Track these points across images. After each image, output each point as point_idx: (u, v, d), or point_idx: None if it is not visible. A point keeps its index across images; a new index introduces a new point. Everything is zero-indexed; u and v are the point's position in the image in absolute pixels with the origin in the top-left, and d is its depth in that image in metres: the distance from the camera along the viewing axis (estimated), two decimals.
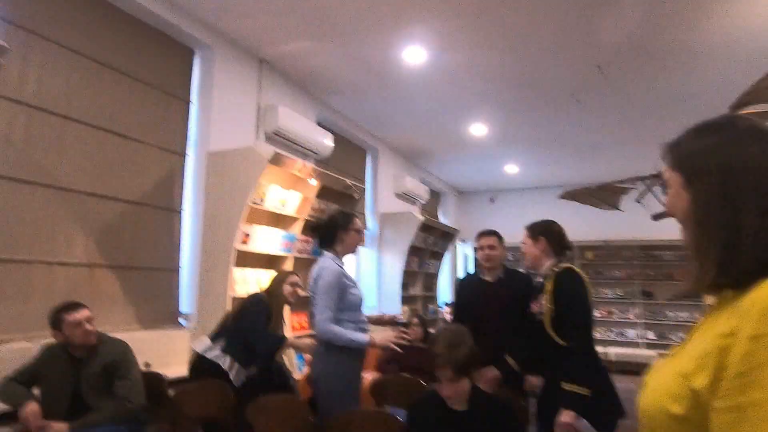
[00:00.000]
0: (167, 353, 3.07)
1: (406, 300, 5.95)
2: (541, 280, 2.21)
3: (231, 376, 2.47)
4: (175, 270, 3.39)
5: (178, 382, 2.66)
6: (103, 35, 2.96)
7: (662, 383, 0.70)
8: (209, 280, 3.28)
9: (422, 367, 3.10)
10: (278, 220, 3.83)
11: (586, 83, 4.31)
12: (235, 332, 2.56)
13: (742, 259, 0.66)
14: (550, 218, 2.36)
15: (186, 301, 3.42)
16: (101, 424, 2.10)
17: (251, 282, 3.51)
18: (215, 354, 2.51)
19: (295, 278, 2.82)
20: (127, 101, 3.09)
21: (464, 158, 6.91)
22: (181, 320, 3.38)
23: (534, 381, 2.43)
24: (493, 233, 2.89)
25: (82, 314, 2.16)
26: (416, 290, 6.31)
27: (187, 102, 3.56)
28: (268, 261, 3.75)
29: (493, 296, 2.73)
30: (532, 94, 4.64)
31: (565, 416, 1.81)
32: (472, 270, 8.10)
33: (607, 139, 5.86)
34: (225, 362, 2.49)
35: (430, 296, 6.76)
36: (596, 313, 7.96)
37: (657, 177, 3.75)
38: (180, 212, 3.45)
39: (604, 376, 2.04)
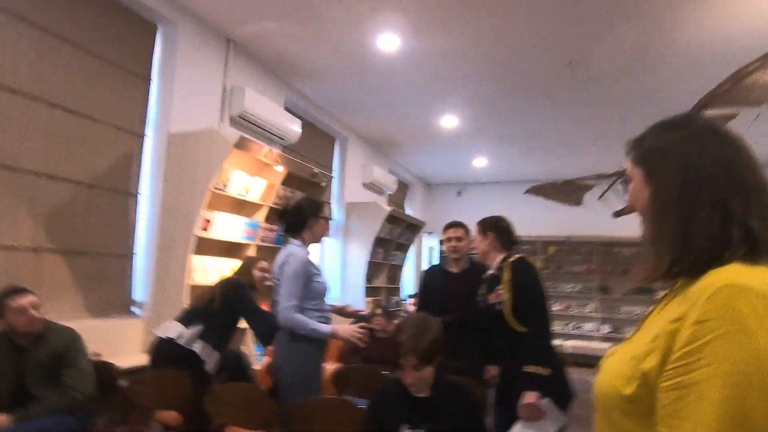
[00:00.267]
0: (119, 342, 2.95)
1: (370, 291, 5.94)
2: (491, 273, 2.26)
3: (206, 364, 2.40)
4: (129, 256, 3.25)
5: (130, 371, 2.56)
6: (56, 4, 2.76)
7: (616, 366, 0.74)
8: (166, 268, 3.16)
9: (384, 357, 3.10)
10: (241, 207, 3.72)
11: (558, 79, 4.37)
12: (216, 318, 2.47)
13: (694, 250, 0.70)
14: (502, 214, 2.49)
15: (140, 289, 3.28)
16: (46, 414, 2.00)
17: (211, 270, 3.40)
18: (188, 341, 2.40)
19: (264, 264, 2.77)
20: (81, 76, 2.91)
21: (434, 150, 6.93)
22: (134, 308, 3.24)
23: (493, 371, 2.47)
24: (461, 225, 2.93)
25: (26, 300, 2.04)
26: (380, 281, 6.31)
27: (148, 80, 3.39)
28: (230, 249, 3.64)
29: (457, 287, 2.75)
30: (505, 87, 4.67)
31: (529, 397, 1.88)
32: (437, 262, 8.18)
33: (575, 135, 5.98)
34: (203, 350, 2.41)
35: (394, 288, 6.78)
36: (555, 307, 8.21)
37: (620, 175, 3.85)
38: (136, 196, 3.29)
39: (558, 360, 2.14)
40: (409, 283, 8.02)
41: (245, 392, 2.07)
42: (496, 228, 2.26)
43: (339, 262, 5.89)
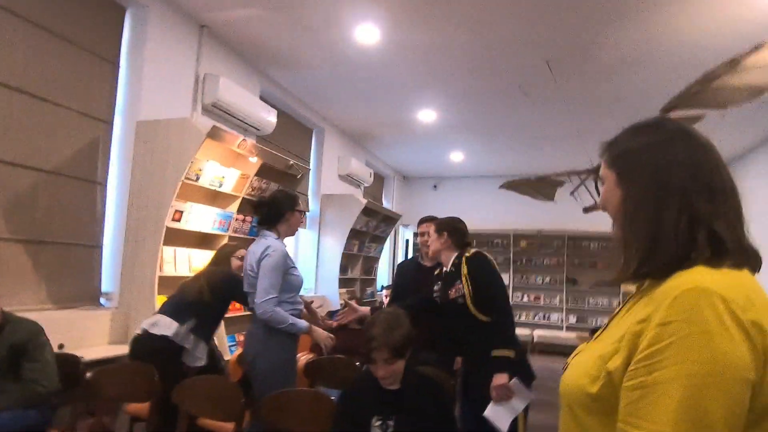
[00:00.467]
0: (86, 334, 2.88)
1: (344, 283, 5.94)
2: (445, 270, 2.36)
3: (196, 359, 2.40)
4: (96, 246, 3.16)
5: (97, 363, 2.50)
6: None
7: (582, 364, 0.75)
8: (135, 259, 3.09)
9: (357, 348, 3.11)
10: (214, 198, 3.66)
11: (535, 77, 4.42)
12: (207, 312, 2.45)
13: (661, 252, 0.71)
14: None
15: (108, 280, 3.20)
16: (6, 409, 1.94)
17: (182, 262, 3.35)
18: (183, 338, 2.37)
19: (243, 252, 2.69)
20: (44, 59, 2.79)
21: (411, 143, 6.94)
22: (102, 300, 3.16)
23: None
24: (432, 220, 2.95)
25: None
26: (355, 273, 6.32)
27: (116, 64, 3.28)
28: (202, 240, 3.59)
29: (429, 281, 2.79)
30: (483, 83, 4.70)
31: (500, 379, 1.99)
32: (411, 255, 8.24)
33: (549, 132, 6.09)
34: (195, 344, 2.41)
35: (369, 279, 6.80)
36: (525, 298, 8.41)
37: (591, 172, 3.94)
38: (104, 184, 3.20)
39: (520, 343, 2.24)
40: (384, 275, 8.06)
41: (215, 384, 2.04)
42: (451, 229, 2.35)
43: (314, 254, 5.86)
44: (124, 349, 2.81)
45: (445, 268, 2.36)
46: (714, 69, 2.85)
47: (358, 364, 2.67)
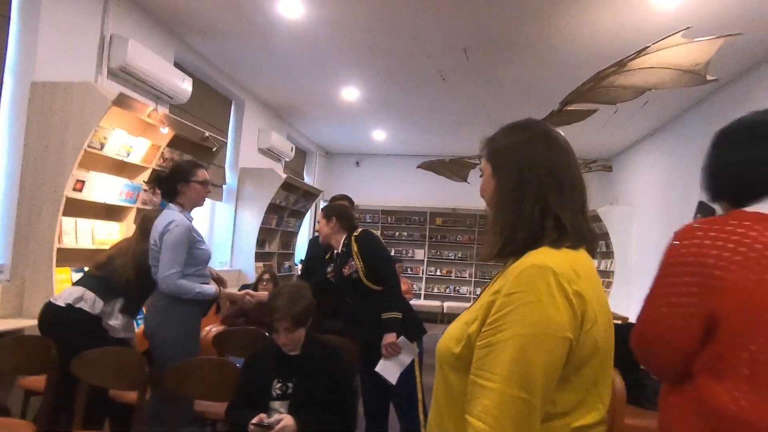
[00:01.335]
0: None
1: (262, 257, 5.95)
2: (335, 252, 2.57)
3: (118, 332, 2.35)
4: None
5: None
6: None
7: (452, 330, 0.90)
8: (30, 229, 2.92)
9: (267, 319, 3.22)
10: (122, 168, 3.51)
11: (453, 63, 4.64)
12: (134, 290, 2.37)
13: (518, 236, 0.86)
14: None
15: None
16: None
17: (84, 233, 3.21)
18: (108, 315, 2.31)
19: None
20: None
21: (334, 120, 6.98)
22: None
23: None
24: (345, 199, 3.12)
25: None
26: (273, 247, 6.34)
27: (6, 17, 3.00)
28: (107, 211, 3.45)
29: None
30: (403, 65, 4.85)
31: (389, 338, 2.27)
32: None
33: (465, 117, 6.40)
34: (124, 322, 2.36)
35: (287, 253, 6.84)
36: (438, 272, 8.93)
37: None
38: None
39: (407, 305, 2.54)
40: (302, 250, 8.12)
41: (118, 355, 2.06)
42: (339, 213, 2.55)
43: (230, 227, 5.79)
44: (17, 324, 2.69)
45: (336, 250, 2.56)
46: (603, 69, 3.23)
47: (267, 335, 2.77)
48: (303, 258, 6.84)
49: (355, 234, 2.48)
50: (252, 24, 4.12)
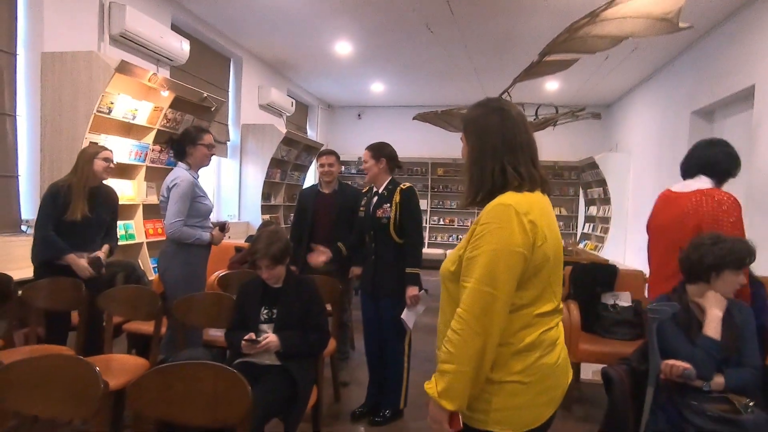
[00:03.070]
0: (10, 259, 3.12)
1: (267, 209, 6.33)
2: (376, 190, 2.74)
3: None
4: (11, 176, 3.31)
5: (25, 282, 2.78)
6: None
7: (450, 255, 1.22)
8: None
9: None
10: (129, 130, 3.83)
11: (439, 16, 4.72)
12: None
13: (485, 188, 1.19)
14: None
15: (28, 208, 3.40)
16: None
17: None
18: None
19: (108, 153, 2.66)
20: None
21: (332, 74, 7.11)
22: (23, 226, 3.38)
23: (356, 271, 3.12)
24: (332, 153, 3.41)
25: None
26: (278, 200, 6.70)
27: None
28: (119, 171, 3.79)
29: (327, 205, 3.30)
30: (391, 18, 4.94)
31: (412, 290, 2.56)
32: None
33: (454, 68, 6.48)
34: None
35: (292, 206, 7.20)
36: (441, 222, 9.25)
37: None
38: (14, 116, 3.29)
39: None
40: None
41: (134, 293, 2.48)
42: (389, 156, 2.72)
43: (236, 182, 6.14)
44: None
45: (376, 189, 2.73)
46: (576, 21, 3.35)
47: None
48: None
49: (403, 186, 2.66)
50: None
